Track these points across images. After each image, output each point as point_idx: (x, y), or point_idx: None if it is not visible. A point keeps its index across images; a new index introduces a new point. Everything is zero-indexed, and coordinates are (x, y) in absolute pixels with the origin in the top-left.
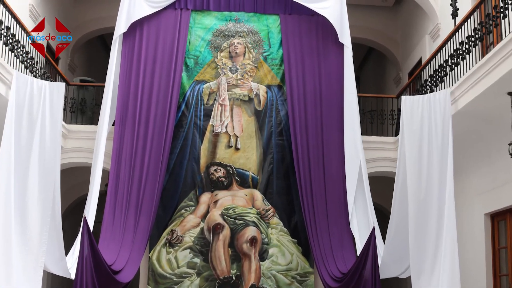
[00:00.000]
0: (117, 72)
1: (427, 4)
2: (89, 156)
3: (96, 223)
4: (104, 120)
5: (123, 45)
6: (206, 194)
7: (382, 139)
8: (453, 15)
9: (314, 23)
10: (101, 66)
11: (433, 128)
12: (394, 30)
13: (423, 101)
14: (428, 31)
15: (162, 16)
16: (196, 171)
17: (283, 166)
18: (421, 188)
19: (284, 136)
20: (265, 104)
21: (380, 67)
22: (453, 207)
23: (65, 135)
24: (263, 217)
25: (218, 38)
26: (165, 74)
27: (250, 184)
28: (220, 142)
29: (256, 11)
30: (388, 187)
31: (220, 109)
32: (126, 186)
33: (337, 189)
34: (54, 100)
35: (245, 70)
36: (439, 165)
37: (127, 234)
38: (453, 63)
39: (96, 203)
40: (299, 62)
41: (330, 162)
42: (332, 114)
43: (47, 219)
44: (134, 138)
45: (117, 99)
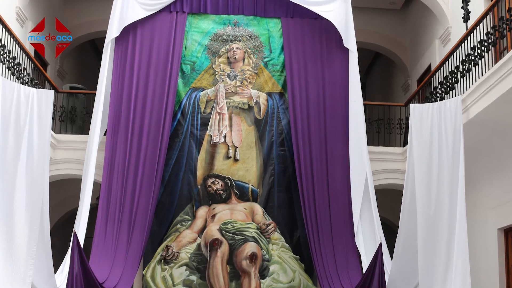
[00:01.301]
0: (109, 78)
1: (437, 7)
2: (79, 167)
3: (87, 238)
4: (95, 129)
5: (115, 50)
6: (203, 207)
7: (389, 149)
8: (465, 19)
9: (318, 27)
10: (92, 73)
11: (443, 138)
12: (402, 34)
13: (432, 109)
14: (438, 35)
15: (157, 19)
16: (192, 183)
17: (285, 178)
18: (431, 202)
19: (286, 146)
20: (266, 112)
21: (388, 73)
22: (464, 222)
23: (54, 145)
24: (264, 232)
25: (216, 43)
26: (159, 80)
27: (249, 197)
28: (218, 153)
29: (256, 14)
30: (396, 200)
31: (218, 118)
32: (118, 200)
33: (341, 203)
34: (43, 108)
35: (244, 76)
36: (450, 177)
37: (120, 250)
38: (464, 69)
39: (87, 217)
40: (301, 68)
41: (335, 174)
42: (337, 123)
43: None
44: (127, 149)
45: (109, 107)
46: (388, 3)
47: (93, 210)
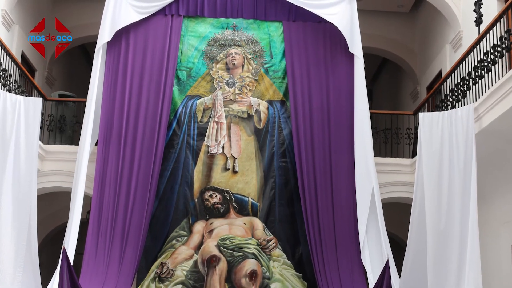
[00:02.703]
0: (100, 86)
1: (448, 9)
2: (69, 180)
3: (77, 254)
4: (85, 139)
5: (107, 56)
6: (200, 222)
7: (397, 161)
8: (477, 22)
9: (321, 31)
10: (83, 79)
11: (455, 148)
12: (411, 39)
13: (443, 118)
14: (449, 40)
15: (151, 23)
16: (189, 196)
17: (287, 191)
18: (441, 216)
19: (288, 157)
20: (266, 121)
21: (395, 80)
22: (477, 238)
23: (42, 156)
24: (264, 249)
25: (214, 48)
26: (154, 88)
27: (249, 211)
28: (216, 165)
29: (256, 18)
30: (404, 214)
31: (216, 128)
32: (110, 214)
33: (347, 217)
34: (30, 117)
35: (243, 83)
36: (461, 190)
37: (112, 267)
38: (477, 75)
39: (77, 232)
40: (304, 74)
41: (339, 186)
42: (342, 133)
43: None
44: (119, 160)
45: (101, 116)
46: (396, 6)
47: (83, 225)
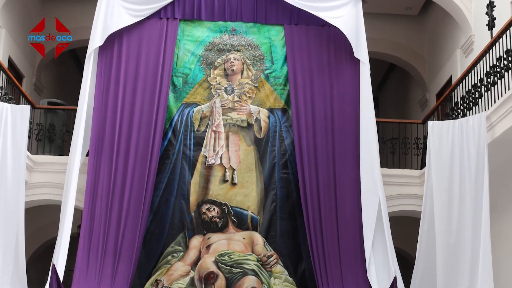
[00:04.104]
0: (91, 93)
1: (458, 12)
2: (58, 192)
3: (67, 271)
4: (76, 150)
5: (98, 61)
6: (197, 237)
7: (405, 172)
8: (489, 26)
9: (325, 35)
10: (73, 86)
11: (466, 159)
12: (419, 44)
13: (453, 127)
14: (459, 44)
15: (145, 26)
16: (185, 210)
17: (288, 204)
18: (452, 231)
19: (290, 169)
20: (267, 131)
21: (403, 87)
22: (489, 253)
23: (30, 167)
24: (265, 265)
25: (211, 53)
26: (148, 95)
27: (249, 225)
28: (214, 176)
29: (256, 21)
30: (412, 229)
31: (214, 137)
32: (102, 228)
33: (352, 232)
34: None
35: (243, 90)
36: (473, 203)
37: (104, 284)
38: (489, 82)
39: (67, 248)
40: (307, 81)
41: (344, 199)
42: (346, 143)
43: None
44: (111, 171)
45: (92, 125)
46: (404, 9)
47: (73, 240)
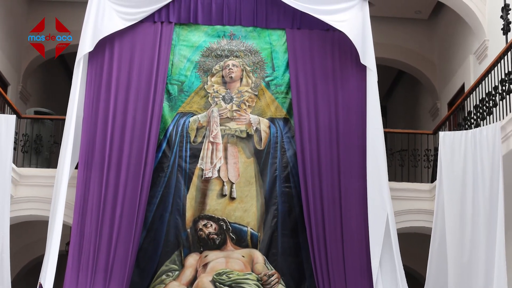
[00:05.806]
0: (81, 102)
1: (471, 16)
2: (45, 207)
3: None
4: (64, 162)
5: (88, 68)
6: (193, 255)
7: (415, 186)
8: (504, 30)
9: (329, 40)
10: (61, 95)
11: (479, 172)
12: (430, 49)
13: (466, 138)
14: (472, 50)
15: (138, 31)
16: (180, 226)
17: (290, 220)
18: (464, 248)
19: (292, 182)
20: (268, 142)
21: (413, 95)
22: (504, 272)
23: (15, 181)
24: (266, 284)
25: (209, 59)
26: (141, 104)
27: (248, 242)
28: (211, 190)
29: (257, 25)
30: (423, 246)
31: (211, 149)
32: (92, 246)
33: (358, 249)
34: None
35: (242, 99)
36: (487, 219)
37: None
38: (504, 90)
39: (55, 266)
40: (310, 89)
41: (350, 215)
42: (352, 155)
43: None
44: (102, 185)
45: (81, 136)
46: (414, 12)
47: (62, 258)
